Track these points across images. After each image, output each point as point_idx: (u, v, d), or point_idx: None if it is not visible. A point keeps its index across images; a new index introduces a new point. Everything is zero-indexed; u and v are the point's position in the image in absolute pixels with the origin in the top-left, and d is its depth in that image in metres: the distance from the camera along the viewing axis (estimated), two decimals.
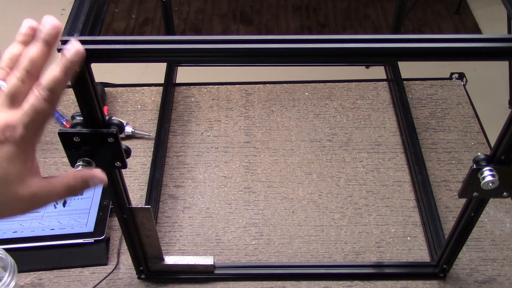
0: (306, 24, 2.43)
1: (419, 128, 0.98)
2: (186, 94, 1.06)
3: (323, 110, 1.03)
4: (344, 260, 0.81)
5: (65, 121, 0.99)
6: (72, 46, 0.44)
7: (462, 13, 2.46)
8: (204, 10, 2.50)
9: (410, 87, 1.07)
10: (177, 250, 0.82)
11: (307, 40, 0.47)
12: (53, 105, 0.43)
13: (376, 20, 2.44)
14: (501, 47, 0.47)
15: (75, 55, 0.44)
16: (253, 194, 0.90)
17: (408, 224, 0.85)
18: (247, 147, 0.97)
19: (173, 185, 0.91)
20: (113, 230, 0.84)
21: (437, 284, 0.78)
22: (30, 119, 0.43)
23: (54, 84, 0.43)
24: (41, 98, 0.42)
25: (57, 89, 0.43)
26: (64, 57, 0.44)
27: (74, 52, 0.44)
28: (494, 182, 0.56)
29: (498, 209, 0.87)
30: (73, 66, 0.44)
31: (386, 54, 0.51)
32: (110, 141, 0.54)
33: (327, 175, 0.92)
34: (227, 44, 0.48)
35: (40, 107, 0.42)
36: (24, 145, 0.43)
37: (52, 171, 0.92)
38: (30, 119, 0.43)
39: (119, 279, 0.78)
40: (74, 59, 0.44)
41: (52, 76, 0.43)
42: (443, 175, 0.92)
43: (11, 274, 0.70)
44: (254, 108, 1.04)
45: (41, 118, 0.43)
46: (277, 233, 0.84)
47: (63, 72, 0.43)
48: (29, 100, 0.43)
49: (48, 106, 0.43)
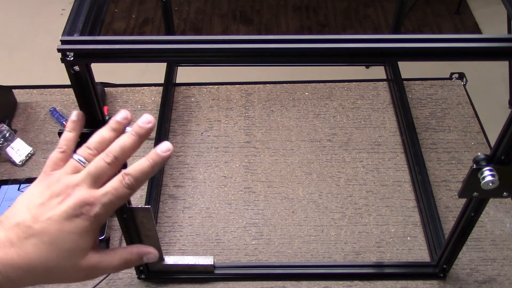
0: (306, 24, 2.43)
1: (419, 128, 0.98)
2: (186, 94, 1.06)
3: (323, 110, 1.03)
4: (344, 260, 0.81)
5: (65, 121, 0.99)
6: (165, 145, 0.48)
7: (462, 13, 2.46)
8: (204, 10, 2.50)
9: (410, 87, 1.07)
10: (177, 250, 0.82)
11: (307, 40, 0.47)
12: (133, 191, 0.47)
13: (376, 20, 2.44)
14: (501, 47, 0.47)
15: (166, 153, 0.48)
16: (253, 194, 0.90)
17: (408, 224, 0.85)
18: (247, 147, 0.97)
19: (173, 185, 0.91)
20: (113, 230, 0.84)
21: (437, 284, 0.78)
22: (109, 200, 0.46)
23: (140, 175, 0.47)
24: (125, 184, 0.46)
25: (142, 180, 0.47)
26: (155, 154, 0.48)
27: (166, 149, 0.48)
28: (494, 182, 0.56)
29: (498, 209, 0.87)
30: (162, 163, 0.48)
31: (386, 54, 0.51)
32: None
33: (327, 175, 0.92)
34: (227, 44, 0.48)
35: (122, 192, 0.46)
36: (95, 222, 0.46)
37: None
38: (109, 200, 0.46)
39: (119, 279, 0.78)
40: (165, 157, 0.48)
41: (141, 167, 0.47)
42: (443, 175, 0.92)
43: None
44: (254, 108, 1.04)
45: (118, 201, 0.47)
46: (277, 233, 0.84)
47: (151, 166, 0.48)
48: (113, 183, 0.46)
49: (128, 192, 0.47)
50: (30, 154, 0.94)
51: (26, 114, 1.02)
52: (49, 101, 1.03)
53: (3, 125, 0.94)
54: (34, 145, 0.96)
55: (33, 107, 1.03)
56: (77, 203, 0.45)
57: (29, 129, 0.99)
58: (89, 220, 0.45)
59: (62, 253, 0.44)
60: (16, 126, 0.99)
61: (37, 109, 1.03)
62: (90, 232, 0.46)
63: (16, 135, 0.95)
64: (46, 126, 1.00)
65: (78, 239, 0.45)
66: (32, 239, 0.44)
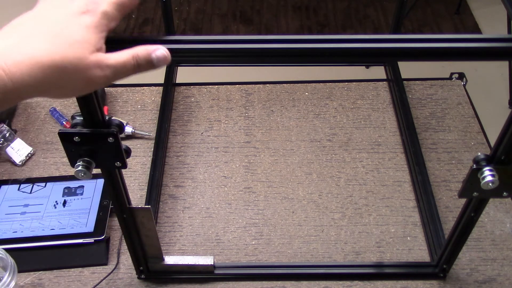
0: (306, 24, 2.43)
1: (419, 128, 0.98)
2: (186, 94, 1.06)
3: (323, 110, 1.03)
4: (344, 260, 0.81)
5: (65, 121, 0.99)
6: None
7: (462, 13, 2.46)
8: (204, 10, 2.50)
9: (410, 87, 1.07)
10: (177, 250, 0.82)
11: (307, 40, 0.47)
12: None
13: (376, 20, 2.44)
14: (501, 47, 0.47)
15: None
16: (253, 194, 0.90)
17: (408, 224, 0.85)
18: (247, 147, 0.97)
19: (173, 185, 0.91)
20: (113, 230, 0.84)
21: (437, 284, 0.78)
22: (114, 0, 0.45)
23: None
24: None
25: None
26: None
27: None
28: (494, 182, 0.56)
29: (498, 209, 0.87)
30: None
31: (386, 54, 0.51)
32: (110, 141, 0.54)
33: (327, 175, 0.92)
34: (227, 44, 0.48)
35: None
36: (103, 19, 0.45)
37: (52, 171, 0.92)
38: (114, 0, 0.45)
39: (119, 279, 0.78)
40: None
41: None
42: (443, 175, 0.92)
43: (11, 274, 0.70)
44: (254, 108, 1.04)
45: (126, 1, 0.46)
46: (277, 233, 0.84)
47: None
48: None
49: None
50: (30, 154, 0.94)
51: (26, 114, 1.02)
52: (49, 101, 1.03)
53: (3, 125, 0.94)
54: (34, 145, 0.95)
55: (33, 107, 1.03)
56: (83, 1, 0.44)
57: (29, 129, 0.99)
58: (96, 16, 0.44)
59: (68, 44, 0.43)
60: (16, 126, 0.99)
61: (37, 109, 1.03)
62: (98, 28, 0.44)
63: (16, 135, 0.95)
64: (46, 126, 1.00)
65: (85, 32, 0.44)
66: (37, 35, 0.43)
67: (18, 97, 0.42)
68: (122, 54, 0.46)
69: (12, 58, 0.41)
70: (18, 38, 0.42)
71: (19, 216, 0.83)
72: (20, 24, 0.44)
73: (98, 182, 0.88)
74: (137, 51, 0.46)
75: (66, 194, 0.87)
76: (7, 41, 0.42)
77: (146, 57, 0.47)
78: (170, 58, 0.47)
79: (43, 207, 0.85)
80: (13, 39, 0.42)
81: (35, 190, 0.87)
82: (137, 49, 0.46)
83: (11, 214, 0.83)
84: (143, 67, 0.47)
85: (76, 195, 0.86)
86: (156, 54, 0.47)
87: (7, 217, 0.83)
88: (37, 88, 0.42)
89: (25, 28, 0.43)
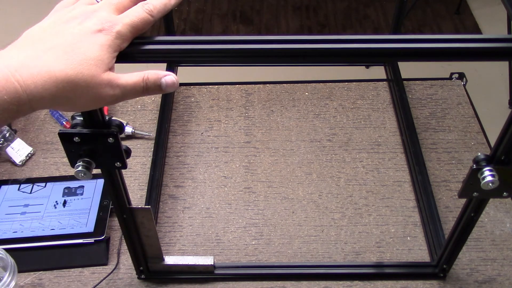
0: (306, 24, 2.43)
1: (419, 128, 0.98)
2: (186, 94, 1.06)
3: (323, 110, 1.03)
4: (344, 260, 0.81)
5: (65, 121, 0.99)
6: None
7: (462, 13, 2.46)
8: (204, 10, 2.50)
9: (410, 87, 1.07)
10: (177, 250, 0.82)
11: (307, 40, 0.47)
12: (153, 19, 0.48)
13: (376, 20, 2.44)
14: (501, 47, 0.47)
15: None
16: (253, 194, 0.90)
17: (408, 224, 0.85)
18: (247, 147, 0.97)
19: (173, 185, 0.91)
20: (113, 230, 0.84)
21: (437, 284, 0.78)
22: (131, 21, 0.46)
23: (160, 5, 0.49)
24: (146, 9, 0.47)
25: (161, 10, 0.49)
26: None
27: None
28: (494, 182, 0.56)
29: (498, 209, 0.87)
30: (176, 3, 0.50)
31: (386, 55, 0.51)
32: (110, 141, 0.54)
33: (327, 175, 0.92)
34: (227, 44, 0.48)
35: (143, 15, 0.47)
36: (118, 39, 0.46)
37: (52, 171, 0.92)
38: (131, 21, 0.46)
39: (119, 279, 0.78)
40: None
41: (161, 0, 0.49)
42: (443, 175, 0.92)
43: (11, 274, 0.70)
44: (254, 108, 1.04)
45: (140, 24, 0.47)
46: (277, 233, 0.84)
47: (167, 2, 0.50)
48: (134, 8, 0.47)
49: (148, 17, 0.47)
50: (30, 154, 0.94)
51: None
52: None
53: None
54: (34, 145, 0.96)
55: None
56: (98, 19, 0.45)
57: (29, 129, 0.99)
58: (111, 35, 0.45)
59: (83, 60, 0.43)
60: (16, 126, 0.99)
61: None
62: (112, 47, 0.45)
63: (16, 135, 0.95)
64: (46, 126, 1.00)
65: (99, 50, 0.44)
66: (52, 50, 0.43)
67: (31, 108, 0.43)
68: (133, 75, 0.47)
69: (27, 71, 0.42)
70: (33, 51, 0.43)
71: (19, 216, 0.83)
72: (34, 37, 0.45)
73: (98, 182, 0.88)
74: (147, 74, 0.48)
75: (66, 194, 0.87)
76: (23, 54, 0.43)
77: (155, 81, 0.48)
78: (178, 84, 0.50)
79: (43, 207, 0.85)
80: (29, 52, 0.43)
81: (35, 190, 0.87)
82: (148, 72, 0.48)
83: (11, 214, 0.83)
84: (152, 90, 0.48)
85: (76, 195, 0.86)
86: (165, 79, 0.49)
87: (7, 217, 0.83)
88: (49, 101, 0.43)
89: (40, 41, 0.44)
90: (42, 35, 0.45)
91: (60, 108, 0.46)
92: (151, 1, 0.49)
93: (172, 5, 0.50)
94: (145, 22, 0.47)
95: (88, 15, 0.46)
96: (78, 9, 0.47)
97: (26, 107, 0.42)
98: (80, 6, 0.48)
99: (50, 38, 0.44)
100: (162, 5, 0.49)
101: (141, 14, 0.47)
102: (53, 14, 0.48)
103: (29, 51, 0.43)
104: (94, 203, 0.85)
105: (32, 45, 0.44)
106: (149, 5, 0.48)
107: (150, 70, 0.48)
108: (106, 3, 0.47)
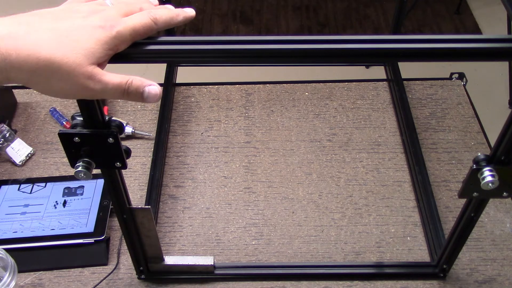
0: (306, 24, 2.43)
1: (419, 128, 0.98)
2: (186, 94, 1.06)
3: (323, 110, 1.03)
4: (344, 260, 0.81)
5: (65, 121, 0.99)
6: (190, 9, 0.52)
7: (462, 13, 2.46)
8: (204, 10, 2.50)
9: (410, 87, 1.07)
10: (177, 250, 0.82)
11: (307, 40, 0.47)
12: (156, 27, 0.49)
13: (376, 20, 2.44)
14: (501, 47, 0.47)
15: (190, 14, 0.52)
16: (253, 194, 0.90)
17: (408, 224, 0.85)
18: (247, 147, 0.97)
19: (173, 185, 0.91)
20: (113, 230, 0.84)
21: (437, 284, 0.78)
22: (133, 24, 0.47)
23: (164, 16, 0.49)
24: (150, 16, 0.48)
25: (165, 21, 0.49)
26: (181, 10, 0.51)
27: (190, 11, 0.52)
28: (494, 183, 0.56)
29: (498, 209, 0.87)
30: (183, 20, 0.51)
31: (386, 55, 0.51)
32: (110, 141, 0.54)
33: (327, 175, 0.92)
34: (227, 45, 0.48)
35: (147, 21, 0.48)
36: (115, 39, 0.46)
37: (52, 171, 0.92)
38: (133, 24, 0.47)
39: (119, 279, 0.78)
40: (188, 17, 0.52)
41: (164, 11, 0.50)
42: (443, 175, 0.92)
43: (11, 274, 0.70)
44: (254, 108, 1.04)
45: (143, 29, 0.47)
46: (277, 233, 0.84)
47: (176, 14, 0.51)
48: (138, 13, 0.48)
49: (152, 24, 0.48)
50: (30, 154, 0.94)
51: (26, 114, 1.02)
52: (49, 101, 1.03)
53: (3, 125, 0.94)
54: (34, 145, 0.96)
55: (33, 107, 1.03)
56: (103, 17, 0.46)
57: (29, 129, 0.99)
58: (110, 33, 0.45)
59: (73, 47, 0.44)
60: (16, 126, 0.99)
61: (37, 109, 1.03)
62: (108, 44, 0.45)
63: (16, 135, 0.95)
64: (46, 126, 1.00)
65: (93, 43, 0.45)
66: (48, 30, 0.44)
67: (6, 78, 0.44)
68: (118, 76, 0.47)
69: (14, 42, 0.43)
70: (28, 27, 0.44)
71: (19, 216, 0.83)
72: (36, 15, 0.46)
73: (98, 182, 0.88)
74: (132, 79, 0.48)
75: (66, 194, 0.87)
76: (16, 27, 0.44)
77: (138, 87, 0.48)
78: (160, 98, 0.51)
79: (43, 207, 0.85)
80: (24, 26, 0.44)
81: (35, 190, 0.87)
82: (134, 77, 0.48)
83: (11, 214, 0.83)
84: (133, 95, 0.48)
85: (76, 195, 0.86)
86: (149, 88, 0.49)
87: (7, 217, 0.83)
88: (27, 76, 0.44)
89: (40, 21, 0.45)
90: (45, 16, 0.46)
91: (37, 87, 0.46)
92: (159, 11, 0.49)
93: (178, 21, 0.51)
94: (147, 28, 0.48)
95: (95, 12, 0.47)
96: (89, 5, 0.48)
97: (2, 75, 0.43)
98: (92, 4, 0.49)
99: (51, 21, 0.45)
100: (168, 17, 0.50)
101: (144, 20, 0.47)
102: (65, 4, 0.49)
103: (24, 26, 0.44)
104: (94, 203, 0.85)
105: (31, 22, 0.45)
106: (155, 13, 0.48)
107: (137, 76, 0.48)
108: (117, 7, 0.48)
